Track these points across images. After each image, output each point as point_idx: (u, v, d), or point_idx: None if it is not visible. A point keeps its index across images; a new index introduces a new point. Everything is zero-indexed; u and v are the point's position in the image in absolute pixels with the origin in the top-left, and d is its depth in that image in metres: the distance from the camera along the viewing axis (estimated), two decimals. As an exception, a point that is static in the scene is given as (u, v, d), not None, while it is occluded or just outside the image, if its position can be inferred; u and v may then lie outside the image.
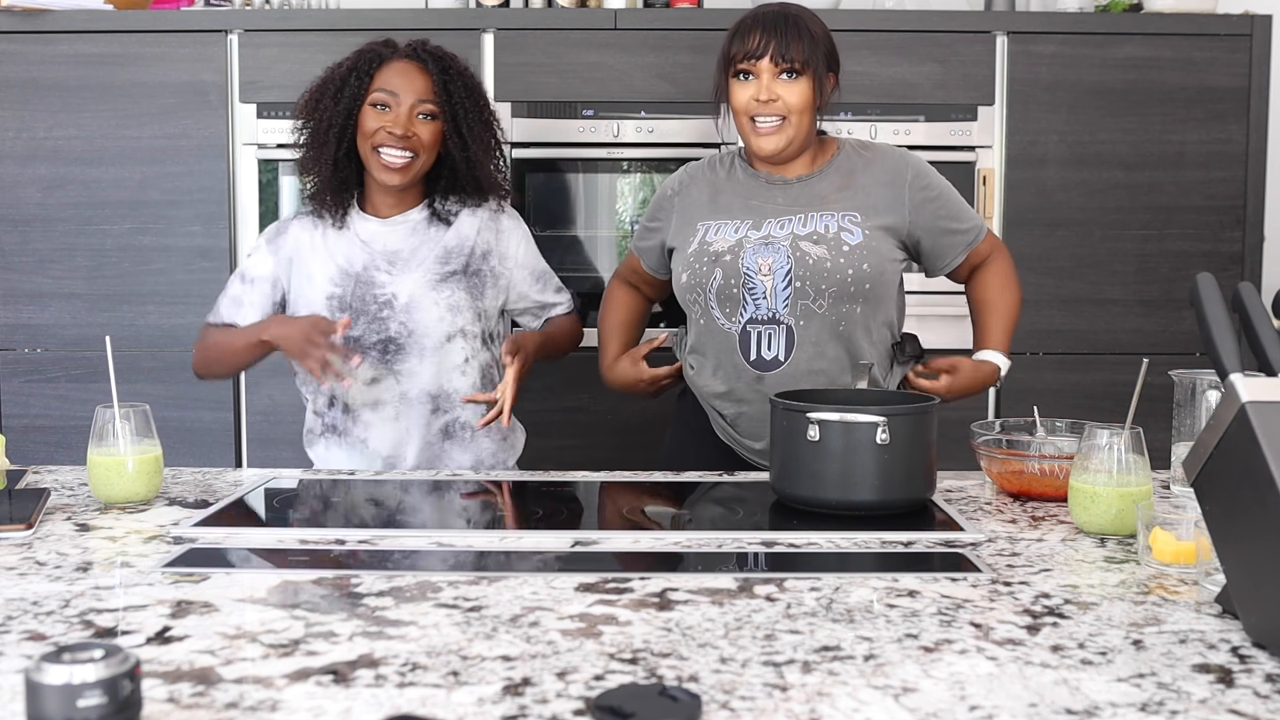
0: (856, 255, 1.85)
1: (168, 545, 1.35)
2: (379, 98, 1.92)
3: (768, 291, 1.86)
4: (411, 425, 1.96)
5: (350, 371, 1.84)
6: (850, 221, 1.88)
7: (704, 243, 1.92)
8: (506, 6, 2.85)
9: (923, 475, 1.52)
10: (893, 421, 1.47)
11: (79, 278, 2.82)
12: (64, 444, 2.82)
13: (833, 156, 1.96)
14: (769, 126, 1.87)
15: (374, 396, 1.96)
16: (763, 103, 1.86)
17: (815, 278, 1.85)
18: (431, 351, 1.96)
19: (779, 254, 1.86)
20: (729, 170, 2.00)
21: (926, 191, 1.94)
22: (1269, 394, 1.01)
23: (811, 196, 1.92)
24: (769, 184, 1.94)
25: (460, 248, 2.01)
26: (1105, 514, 1.39)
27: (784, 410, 1.54)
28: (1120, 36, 2.80)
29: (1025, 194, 2.83)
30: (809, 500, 1.51)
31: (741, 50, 1.87)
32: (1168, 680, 0.93)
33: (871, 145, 2.00)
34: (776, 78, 1.86)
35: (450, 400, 1.98)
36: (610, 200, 2.86)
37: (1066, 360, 2.85)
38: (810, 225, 1.88)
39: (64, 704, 0.77)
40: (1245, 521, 1.01)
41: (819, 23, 1.90)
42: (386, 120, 1.91)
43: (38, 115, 2.79)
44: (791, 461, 1.52)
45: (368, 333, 1.94)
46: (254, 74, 2.77)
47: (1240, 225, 2.84)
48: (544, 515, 1.62)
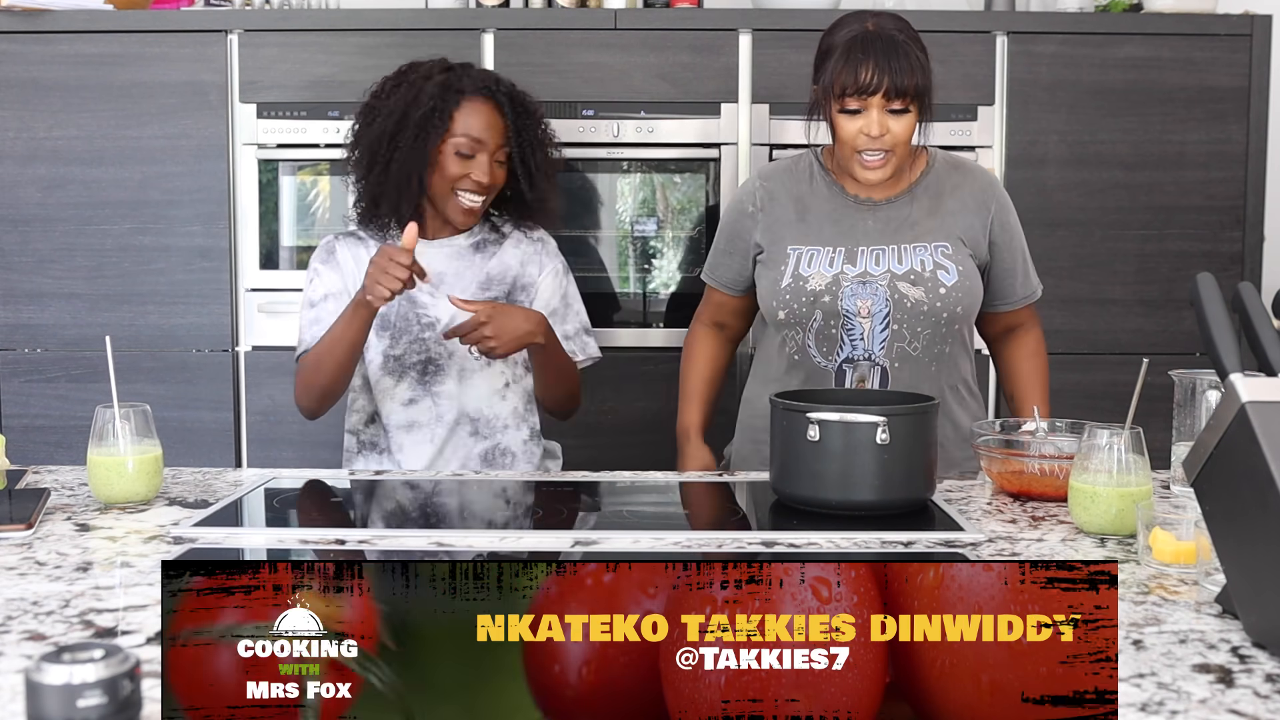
0: (952, 297, 1.87)
1: (168, 545, 1.35)
2: (462, 145, 1.91)
3: (865, 334, 1.87)
4: (449, 449, 1.97)
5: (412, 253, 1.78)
6: (943, 255, 1.88)
7: (798, 276, 1.89)
8: (506, 6, 2.85)
9: (923, 475, 1.52)
10: (892, 422, 1.47)
11: (79, 278, 2.82)
12: (64, 444, 2.82)
13: (922, 175, 1.95)
14: (876, 160, 1.84)
15: (410, 418, 1.97)
16: (873, 138, 1.82)
17: (912, 321, 1.86)
18: (471, 375, 1.97)
19: (877, 296, 1.86)
20: (811, 181, 1.97)
21: (1006, 230, 1.97)
22: (1269, 394, 1.01)
23: (902, 223, 1.91)
24: (858, 205, 1.93)
25: (503, 276, 2.01)
26: (1105, 514, 1.39)
27: (784, 410, 1.54)
28: (1120, 36, 2.79)
29: (1025, 194, 2.83)
30: (809, 500, 1.51)
31: (854, 85, 1.80)
32: (1168, 680, 0.93)
33: (962, 164, 2.00)
34: (886, 111, 1.81)
35: (491, 426, 1.99)
36: (610, 200, 2.86)
37: (1066, 360, 2.84)
38: (906, 262, 1.87)
39: (64, 704, 0.77)
40: (1245, 521, 1.01)
41: (920, 41, 1.85)
42: (471, 169, 1.91)
43: (38, 115, 2.79)
44: (791, 461, 1.52)
45: (409, 352, 1.95)
46: (254, 74, 2.77)
47: (1240, 225, 2.84)
48: (544, 515, 1.62)
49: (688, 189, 2.86)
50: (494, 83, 1.97)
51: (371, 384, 1.99)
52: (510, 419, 2.01)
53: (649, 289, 2.87)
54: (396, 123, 1.92)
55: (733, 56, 2.78)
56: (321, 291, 1.99)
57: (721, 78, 2.78)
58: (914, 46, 1.83)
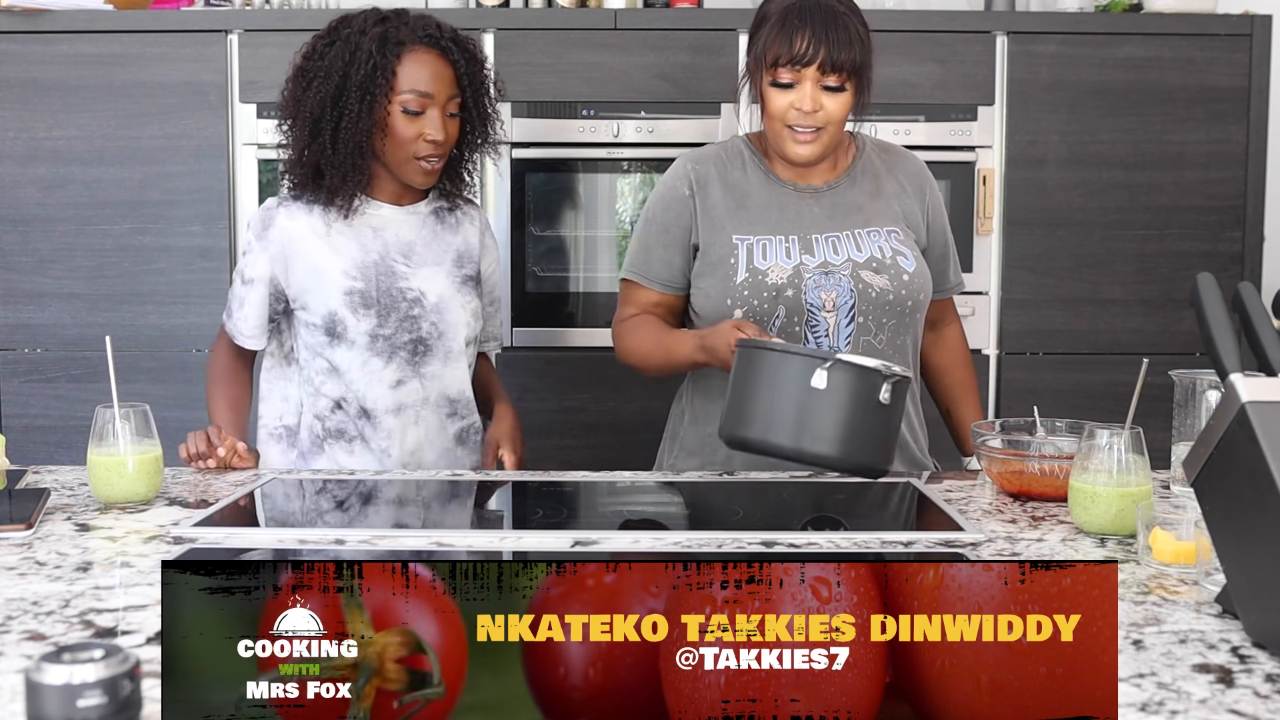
0: (915, 284, 1.80)
1: (168, 545, 1.35)
2: (410, 101, 1.79)
3: (830, 329, 1.77)
4: (431, 430, 1.90)
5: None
6: (898, 240, 1.82)
7: (754, 270, 1.77)
8: (506, 6, 2.85)
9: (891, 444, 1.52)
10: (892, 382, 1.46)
11: (79, 278, 2.82)
12: (64, 444, 2.82)
13: (855, 158, 1.88)
14: (807, 135, 1.74)
15: (398, 401, 1.87)
16: (804, 113, 1.73)
17: (878, 312, 1.78)
18: (455, 356, 1.91)
19: (841, 287, 1.76)
20: (744, 167, 1.86)
21: (939, 215, 1.91)
22: (1269, 394, 1.01)
23: (848, 207, 1.83)
24: (798, 192, 1.83)
25: (468, 253, 1.95)
26: (1105, 514, 1.39)
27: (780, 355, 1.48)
28: (1120, 36, 2.79)
29: (1025, 194, 2.83)
30: (784, 450, 1.47)
31: (787, 55, 1.70)
32: (1168, 680, 0.93)
33: (889, 147, 1.94)
34: (820, 87, 1.72)
35: (468, 407, 1.95)
36: (610, 200, 2.86)
37: (1066, 360, 2.85)
38: (864, 249, 1.79)
39: (64, 704, 0.77)
40: (1245, 521, 1.01)
41: (860, 15, 1.75)
42: (424, 127, 1.80)
43: (38, 115, 2.79)
44: (775, 407, 1.46)
45: (399, 331, 1.85)
46: (254, 74, 2.77)
47: (1240, 225, 2.84)
48: (544, 515, 1.62)
49: (688, 189, 2.86)
50: (435, 28, 1.83)
51: (352, 367, 1.85)
52: (472, 396, 1.97)
53: (649, 289, 2.86)
54: (337, 86, 1.79)
55: (733, 56, 2.78)
56: (250, 274, 1.88)
57: (721, 78, 2.78)
58: (854, 19, 1.73)
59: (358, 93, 1.78)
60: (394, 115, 1.80)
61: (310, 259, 1.85)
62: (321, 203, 1.86)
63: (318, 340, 1.86)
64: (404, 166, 1.83)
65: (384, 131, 1.81)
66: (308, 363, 1.88)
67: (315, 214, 1.86)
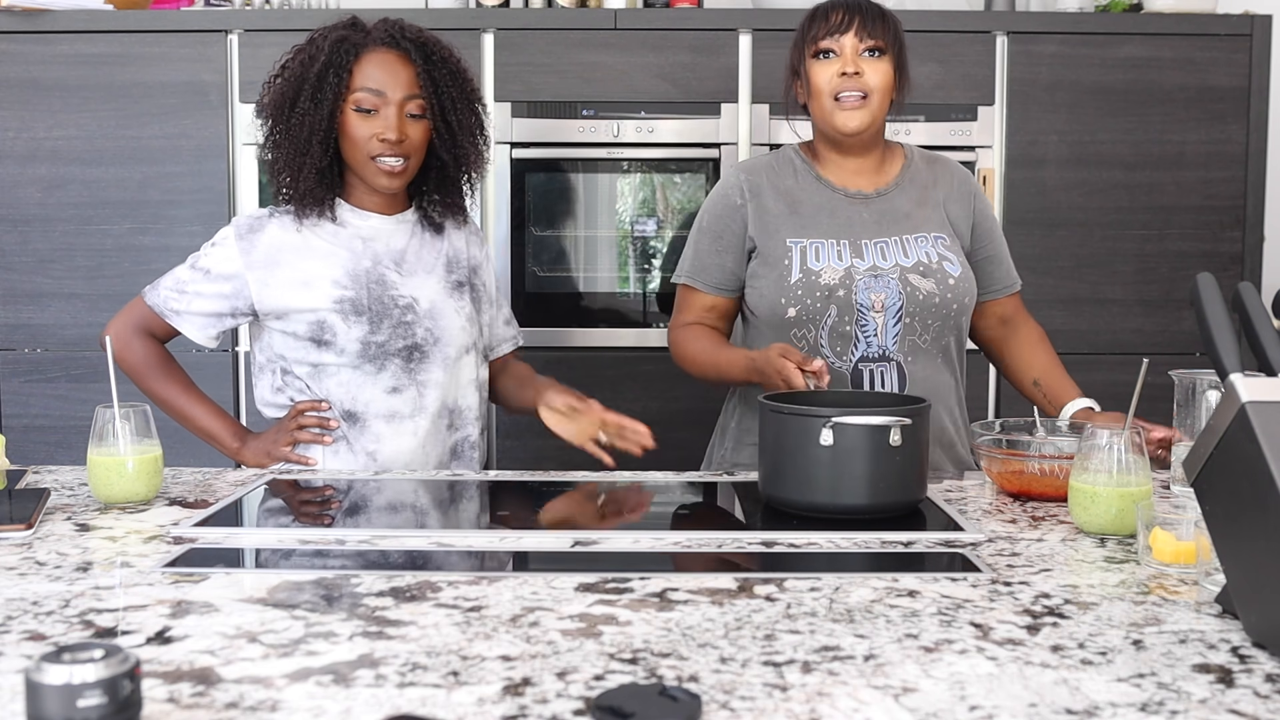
0: (960, 288, 1.87)
1: (168, 545, 1.35)
2: (362, 100, 1.78)
3: (879, 329, 1.83)
4: (428, 441, 1.88)
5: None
6: (944, 246, 1.88)
7: (808, 270, 1.84)
8: (506, 6, 2.85)
9: (923, 475, 1.52)
10: (905, 423, 1.46)
11: (79, 278, 2.82)
12: (64, 444, 2.82)
13: (904, 167, 1.95)
14: (853, 100, 1.82)
15: (391, 408, 1.85)
16: (847, 76, 1.81)
17: (924, 314, 1.85)
18: (451, 363, 1.89)
19: (890, 290, 1.83)
20: (795, 174, 1.93)
21: (988, 218, 1.98)
22: (1269, 394, 1.01)
23: (896, 214, 1.90)
24: (848, 199, 1.90)
25: (458, 260, 1.94)
26: (1105, 514, 1.39)
27: (789, 416, 1.48)
28: (1120, 36, 2.80)
29: (1025, 194, 2.83)
30: (820, 508, 1.47)
31: (824, 28, 1.83)
32: (1168, 680, 0.93)
33: (936, 157, 2.01)
34: (859, 54, 1.82)
35: (464, 418, 1.92)
36: (610, 200, 2.86)
37: (1066, 360, 2.81)
38: (912, 254, 1.86)
39: (64, 704, 0.77)
40: (1245, 521, 1.01)
41: (892, 14, 1.88)
42: (377, 126, 1.79)
43: (38, 115, 2.80)
44: (798, 467, 1.48)
45: (392, 338, 1.83)
46: (254, 74, 2.77)
47: (1240, 225, 2.84)
48: (544, 515, 1.62)
49: (688, 189, 2.87)
50: (398, 31, 1.82)
51: (341, 373, 1.84)
52: (477, 410, 1.95)
53: (649, 289, 2.87)
54: (295, 86, 1.80)
55: (733, 56, 2.78)
56: (214, 268, 1.84)
57: (721, 78, 2.78)
58: (884, 5, 1.87)
59: (310, 91, 1.79)
60: (347, 114, 1.80)
61: (296, 271, 1.83)
62: (292, 213, 1.86)
63: (302, 348, 1.85)
64: (364, 168, 1.83)
65: (344, 135, 1.81)
66: (289, 369, 1.87)
67: (305, 227, 1.86)
